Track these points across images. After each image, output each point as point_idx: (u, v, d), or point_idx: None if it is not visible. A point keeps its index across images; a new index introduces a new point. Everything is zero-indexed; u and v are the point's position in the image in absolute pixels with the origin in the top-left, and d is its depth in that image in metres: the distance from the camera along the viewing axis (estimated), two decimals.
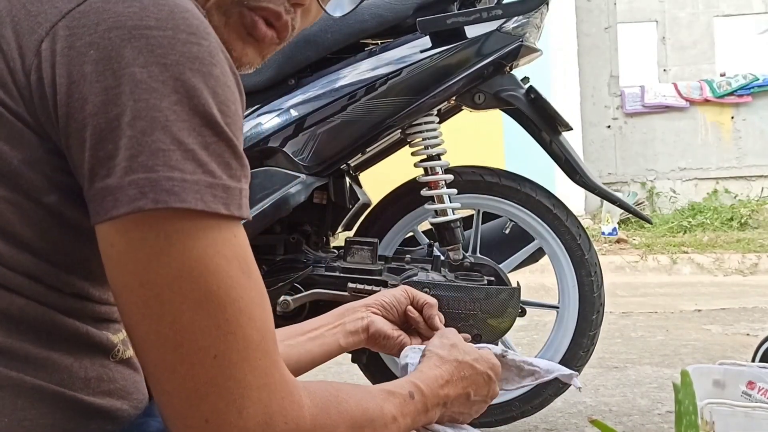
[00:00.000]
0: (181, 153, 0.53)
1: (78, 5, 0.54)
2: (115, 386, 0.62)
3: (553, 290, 2.25)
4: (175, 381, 0.55)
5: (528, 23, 1.78)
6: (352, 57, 1.81)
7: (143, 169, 0.52)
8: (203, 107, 0.54)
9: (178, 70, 0.53)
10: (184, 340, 0.54)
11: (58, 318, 0.58)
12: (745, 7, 8.89)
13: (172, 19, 0.54)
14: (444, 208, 1.81)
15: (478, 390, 0.84)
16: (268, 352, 0.57)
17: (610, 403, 2.25)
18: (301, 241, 1.80)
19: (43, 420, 0.56)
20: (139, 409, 0.64)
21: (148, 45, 0.53)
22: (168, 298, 0.53)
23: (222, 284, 0.54)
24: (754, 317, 3.75)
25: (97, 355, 0.61)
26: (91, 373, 0.60)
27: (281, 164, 1.72)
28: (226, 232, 0.55)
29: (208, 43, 0.56)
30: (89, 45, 0.53)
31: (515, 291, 1.73)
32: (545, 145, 1.85)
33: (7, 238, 0.55)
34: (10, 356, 0.55)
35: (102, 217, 0.53)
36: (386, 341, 1.00)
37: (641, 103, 8.72)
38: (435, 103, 1.77)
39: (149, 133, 0.52)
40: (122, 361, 0.64)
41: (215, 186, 0.54)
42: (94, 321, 0.62)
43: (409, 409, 0.73)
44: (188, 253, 0.53)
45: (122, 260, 0.54)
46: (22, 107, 0.55)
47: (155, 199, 0.52)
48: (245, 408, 0.55)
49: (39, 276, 0.57)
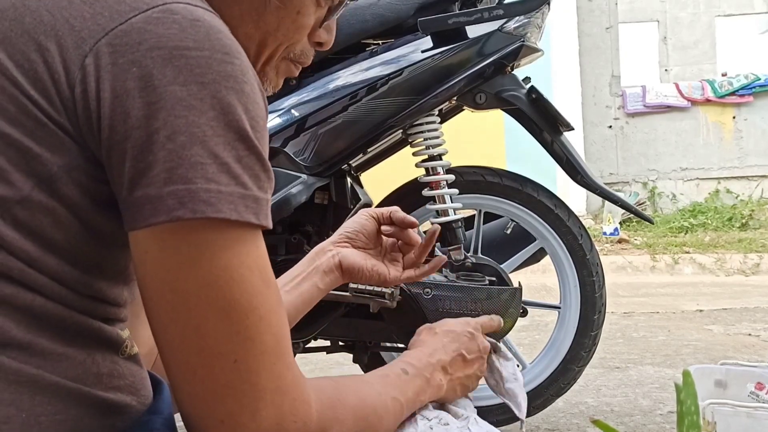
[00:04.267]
0: (216, 166, 0.56)
1: (120, 24, 0.58)
2: (125, 382, 0.64)
3: (554, 290, 2.25)
4: (195, 383, 0.58)
5: (529, 23, 1.78)
6: (354, 57, 1.80)
7: (182, 181, 0.55)
8: (237, 123, 0.58)
9: (215, 88, 0.57)
10: (206, 344, 0.57)
11: (75, 316, 0.60)
12: (746, 6, 8.89)
13: (208, 40, 0.58)
14: (445, 208, 1.81)
15: (468, 348, 0.88)
16: (282, 356, 0.60)
17: (612, 404, 2.25)
18: (302, 241, 1.80)
19: (58, 416, 0.57)
20: (145, 405, 0.65)
21: (187, 65, 0.57)
22: (194, 305, 0.57)
23: (245, 293, 0.58)
24: (756, 317, 3.74)
25: (108, 350, 0.63)
26: (103, 369, 0.61)
27: (282, 164, 1.72)
28: (251, 243, 0.59)
29: (240, 62, 0.60)
30: (132, 62, 0.57)
31: (517, 291, 1.73)
32: (546, 145, 1.85)
33: (37, 240, 0.58)
34: (30, 352, 0.57)
35: (139, 224, 0.56)
36: (360, 273, 1.03)
37: (642, 103, 8.72)
38: (436, 103, 1.77)
39: (188, 147, 0.56)
40: (130, 357, 0.65)
41: (247, 197, 0.58)
42: (105, 320, 0.63)
43: (407, 385, 0.77)
44: (216, 262, 0.57)
45: (155, 266, 0.57)
46: (64, 117, 0.58)
47: (193, 209, 0.55)
48: (259, 410, 0.59)
49: (61, 277, 0.59)
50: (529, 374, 1.91)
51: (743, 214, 7.55)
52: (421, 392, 0.79)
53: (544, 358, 1.92)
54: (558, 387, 1.90)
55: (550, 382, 1.89)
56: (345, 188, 1.86)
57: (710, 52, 8.89)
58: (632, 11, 8.96)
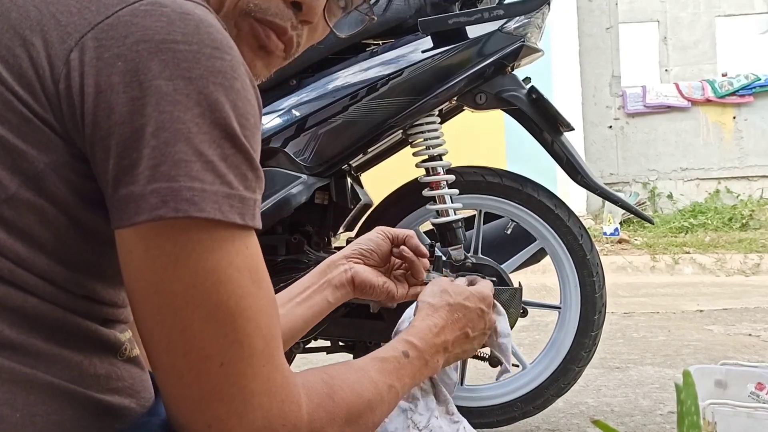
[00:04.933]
0: (201, 164, 0.55)
1: (106, 18, 0.56)
2: (123, 384, 0.63)
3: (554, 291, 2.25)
4: (182, 386, 0.57)
5: (529, 23, 1.78)
6: (354, 57, 1.81)
7: (165, 179, 0.54)
8: (224, 120, 0.56)
9: (202, 83, 0.55)
10: (192, 347, 0.56)
11: (69, 317, 0.59)
12: (746, 6, 8.88)
13: (197, 34, 0.56)
14: (446, 208, 1.81)
15: (474, 326, 0.88)
16: (271, 358, 0.59)
17: (612, 404, 2.25)
18: (302, 241, 1.80)
19: (54, 416, 0.57)
20: (145, 407, 0.65)
21: (174, 59, 0.55)
22: (180, 307, 0.56)
23: (232, 295, 0.57)
24: (756, 317, 3.74)
25: (106, 353, 0.62)
26: (101, 371, 0.61)
27: (283, 165, 1.72)
28: (239, 243, 0.57)
29: (230, 57, 0.58)
30: (117, 56, 0.55)
31: (517, 291, 1.73)
32: (547, 145, 1.85)
33: (25, 239, 0.57)
34: (24, 352, 0.56)
35: (123, 223, 0.55)
36: (372, 290, 1.03)
37: (643, 103, 8.71)
38: (436, 104, 1.77)
39: (172, 143, 0.54)
40: (129, 359, 0.65)
41: (232, 196, 0.56)
42: (102, 321, 0.63)
43: (405, 370, 0.76)
44: (203, 263, 0.55)
45: (139, 267, 0.56)
46: (49, 113, 0.56)
47: (175, 207, 0.54)
48: (246, 414, 0.57)
49: (52, 277, 0.58)
50: (530, 374, 1.91)
51: (743, 214, 7.54)
52: (418, 375, 0.79)
53: (544, 359, 1.92)
54: (558, 387, 1.90)
55: (550, 382, 1.89)
56: (345, 188, 1.86)
57: (710, 53, 8.88)
58: (632, 11, 8.95)
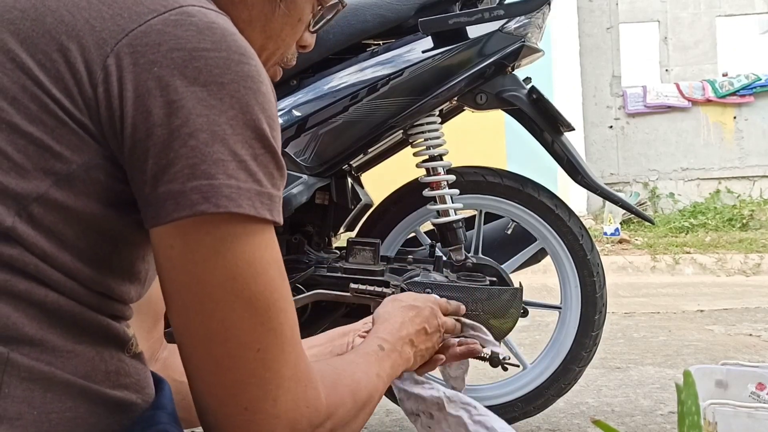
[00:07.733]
0: (236, 163, 0.59)
1: (139, 25, 0.60)
2: (131, 380, 0.65)
3: (555, 291, 2.25)
4: (219, 373, 0.60)
5: (530, 23, 1.78)
6: (354, 57, 1.80)
7: (205, 176, 0.57)
8: (255, 122, 0.60)
9: (234, 88, 0.60)
10: (231, 335, 0.59)
11: (86, 312, 0.61)
12: (747, 6, 8.88)
13: (225, 42, 0.61)
14: (446, 208, 1.81)
15: (429, 322, 0.95)
16: (296, 345, 0.63)
17: (613, 404, 2.25)
18: (303, 241, 1.80)
19: (68, 413, 0.58)
20: (148, 403, 0.66)
21: (207, 65, 0.59)
22: (220, 297, 0.59)
23: (267, 285, 0.61)
24: (757, 317, 3.74)
25: (116, 348, 0.64)
26: (111, 367, 0.63)
27: None
28: (268, 237, 0.61)
29: (255, 62, 0.62)
30: (152, 63, 0.59)
31: (517, 291, 1.73)
32: (547, 145, 1.85)
33: (51, 236, 0.59)
34: (41, 348, 0.58)
35: (162, 220, 0.58)
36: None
37: (643, 104, 8.71)
38: (437, 104, 1.77)
39: (210, 144, 0.58)
40: (135, 355, 0.67)
41: (262, 194, 0.60)
42: (113, 318, 0.64)
43: (384, 361, 0.82)
44: (240, 255, 0.59)
45: (181, 260, 0.59)
46: (86, 116, 0.59)
47: (216, 203, 0.57)
48: (279, 397, 0.61)
49: (74, 274, 0.60)
50: (530, 374, 1.91)
51: (744, 214, 7.54)
52: (396, 366, 0.85)
53: (544, 359, 1.92)
54: (559, 387, 1.89)
55: (550, 382, 1.89)
56: (346, 189, 1.86)
57: (711, 53, 8.88)
58: (633, 11, 8.95)
